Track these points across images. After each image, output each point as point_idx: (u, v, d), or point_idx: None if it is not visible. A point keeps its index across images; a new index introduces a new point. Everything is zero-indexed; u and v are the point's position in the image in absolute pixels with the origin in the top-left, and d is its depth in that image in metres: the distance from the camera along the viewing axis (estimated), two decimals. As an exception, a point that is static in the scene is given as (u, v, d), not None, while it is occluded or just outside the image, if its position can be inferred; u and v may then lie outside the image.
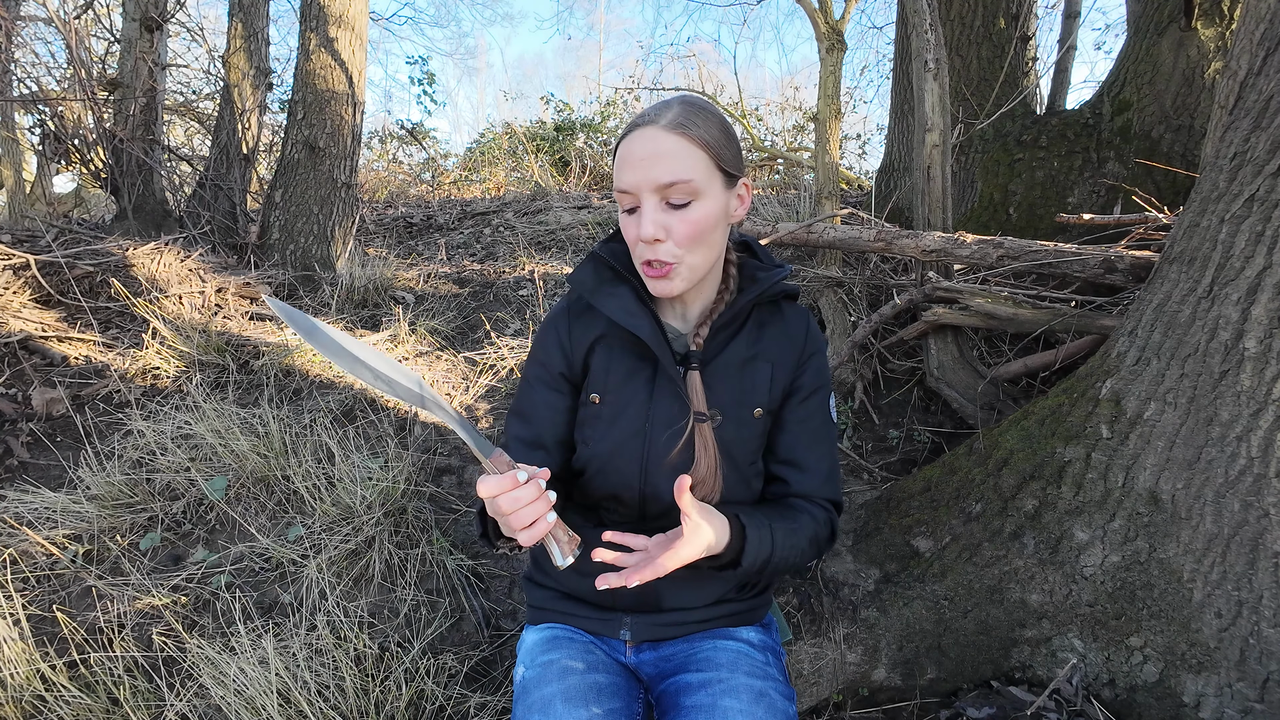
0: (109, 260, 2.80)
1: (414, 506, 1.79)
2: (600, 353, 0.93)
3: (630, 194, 0.81)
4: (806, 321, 0.95)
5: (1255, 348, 1.14)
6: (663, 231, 0.80)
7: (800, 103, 7.93)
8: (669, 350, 0.87)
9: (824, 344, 0.97)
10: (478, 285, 3.50)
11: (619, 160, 0.82)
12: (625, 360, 0.91)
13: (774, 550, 0.83)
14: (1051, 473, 1.38)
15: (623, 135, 0.83)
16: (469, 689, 1.39)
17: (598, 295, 0.90)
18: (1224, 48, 2.63)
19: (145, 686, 1.33)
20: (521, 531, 0.69)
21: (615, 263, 0.91)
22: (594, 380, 0.93)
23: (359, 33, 3.51)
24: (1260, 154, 1.17)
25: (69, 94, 3.36)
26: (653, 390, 0.89)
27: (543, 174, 6.62)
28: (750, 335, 0.92)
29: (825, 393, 0.95)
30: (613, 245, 0.95)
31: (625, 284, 0.90)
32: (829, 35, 2.98)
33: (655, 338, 0.87)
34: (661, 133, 0.79)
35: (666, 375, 0.88)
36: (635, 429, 0.89)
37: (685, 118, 0.80)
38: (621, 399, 0.91)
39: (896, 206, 3.40)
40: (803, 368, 0.93)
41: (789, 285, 0.95)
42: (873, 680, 1.33)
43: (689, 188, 0.79)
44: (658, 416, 0.89)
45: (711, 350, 0.90)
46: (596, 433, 0.92)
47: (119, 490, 1.81)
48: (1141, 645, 1.22)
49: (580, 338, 0.93)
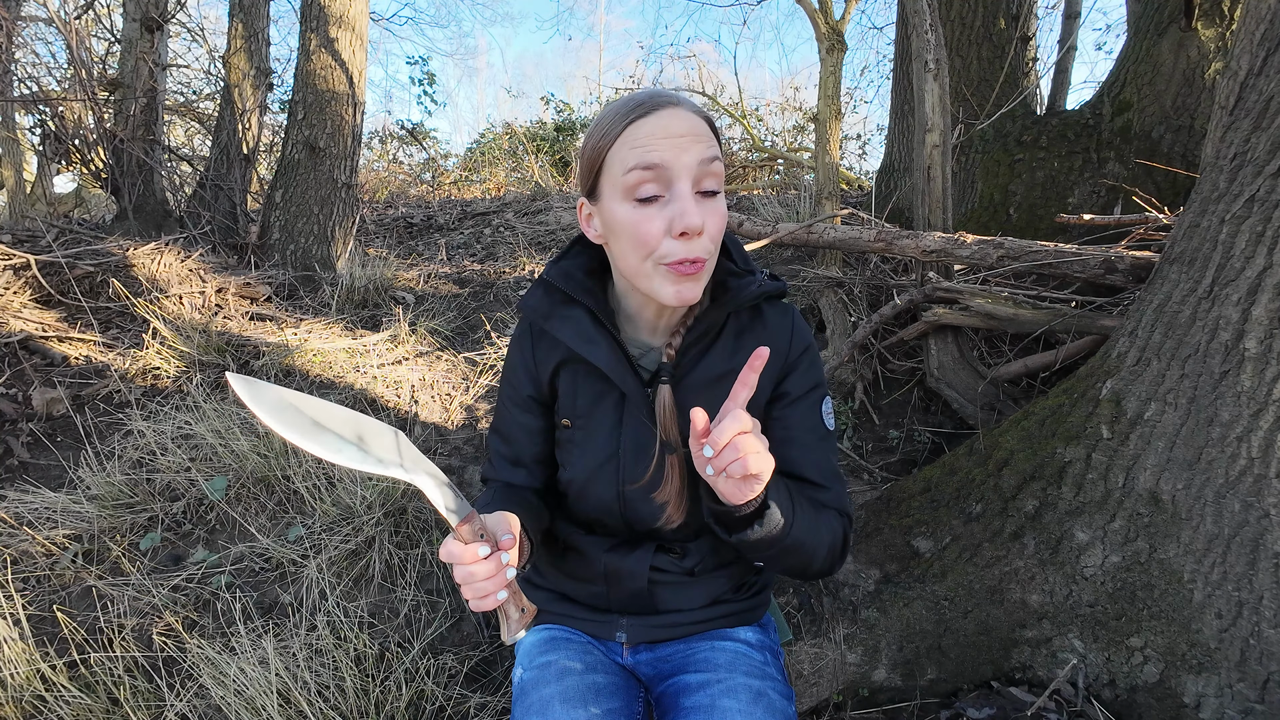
0: (109, 260, 2.80)
1: (414, 507, 1.79)
2: (565, 377, 0.88)
3: (659, 172, 0.70)
4: (790, 325, 0.87)
5: (1255, 348, 1.14)
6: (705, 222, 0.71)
7: (800, 103, 7.94)
8: (633, 376, 0.82)
9: (812, 343, 0.89)
10: (478, 285, 3.50)
11: (641, 137, 0.71)
12: (591, 384, 0.86)
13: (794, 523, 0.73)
14: (1052, 473, 1.38)
15: (637, 114, 0.72)
16: (469, 689, 1.38)
17: (551, 321, 0.84)
18: (1224, 48, 2.63)
19: (145, 686, 1.33)
20: (471, 602, 0.68)
21: (565, 285, 0.84)
22: (563, 405, 0.89)
23: (359, 33, 3.51)
24: (1260, 154, 1.17)
25: (69, 94, 3.37)
26: (621, 415, 0.85)
27: (543, 174, 6.63)
28: (726, 347, 0.85)
29: (817, 396, 0.87)
30: (562, 265, 0.87)
31: (578, 306, 0.83)
32: (829, 36, 2.98)
33: (615, 365, 0.81)
34: (693, 114, 0.73)
35: (634, 401, 0.83)
36: (607, 455, 0.86)
37: (703, 110, 0.75)
38: (591, 425, 0.87)
39: (896, 207, 3.40)
40: (787, 373, 0.86)
41: (768, 287, 0.85)
42: (873, 681, 1.33)
43: (720, 170, 0.73)
44: (627, 443, 0.85)
45: (685, 365, 0.84)
46: (571, 457, 0.89)
47: (119, 490, 1.81)
48: (1142, 646, 1.22)
49: (544, 361, 0.89)
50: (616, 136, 0.73)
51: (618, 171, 0.72)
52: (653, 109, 0.72)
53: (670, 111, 0.72)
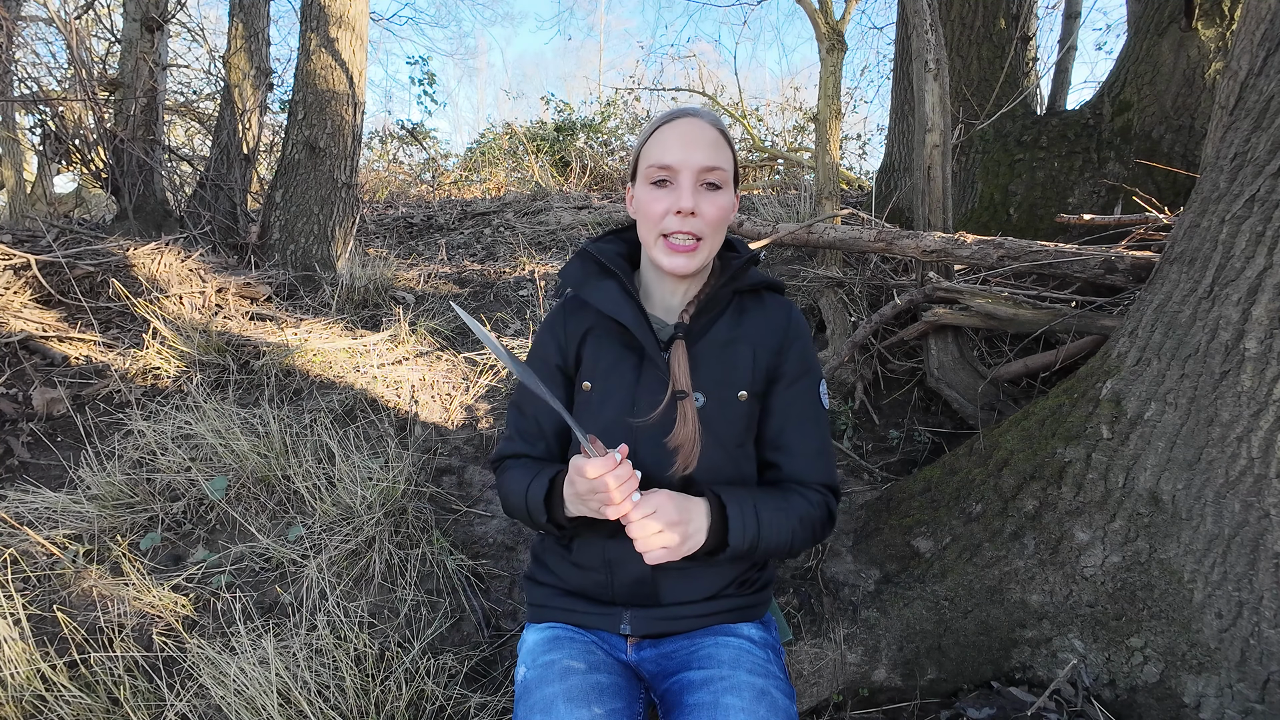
0: (109, 260, 2.80)
1: (414, 506, 1.79)
2: (591, 343, 1.00)
3: (671, 169, 0.90)
4: (788, 311, 1.01)
5: (1256, 348, 1.14)
6: (697, 207, 0.89)
7: (800, 103, 7.93)
8: (652, 336, 0.94)
9: (807, 333, 1.02)
10: (478, 285, 3.50)
11: (662, 139, 0.91)
12: (613, 349, 0.98)
13: (760, 527, 0.88)
14: (1052, 473, 1.38)
15: (664, 121, 0.93)
16: (469, 689, 1.38)
17: (585, 288, 0.98)
18: (1224, 48, 2.63)
19: (145, 686, 1.33)
20: (611, 508, 0.79)
21: (602, 257, 0.98)
22: (585, 369, 1.00)
23: (359, 33, 3.51)
24: (1261, 154, 1.17)
25: (70, 94, 3.37)
26: (639, 375, 0.95)
27: (543, 174, 6.62)
28: (731, 319, 0.98)
29: (812, 380, 1.00)
30: (602, 244, 1.03)
31: (612, 277, 0.97)
32: (829, 35, 2.98)
33: (639, 324, 0.94)
34: (709, 126, 0.92)
35: (651, 360, 0.94)
36: (623, 410, 0.94)
37: (722, 124, 0.94)
38: (610, 383, 0.97)
39: (897, 207, 3.40)
40: (785, 354, 0.98)
41: (770, 278, 1.01)
42: (873, 680, 1.33)
43: (723, 175, 0.92)
44: (643, 398, 0.94)
45: (697, 330, 0.96)
46: (588, 416, 0.97)
47: (119, 490, 1.81)
48: (1142, 646, 1.22)
49: (574, 331, 1.01)
50: (648, 137, 0.94)
51: (644, 165, 0.93)
52: (676, 116, 0.93)
53: (687, 121, 0.92)
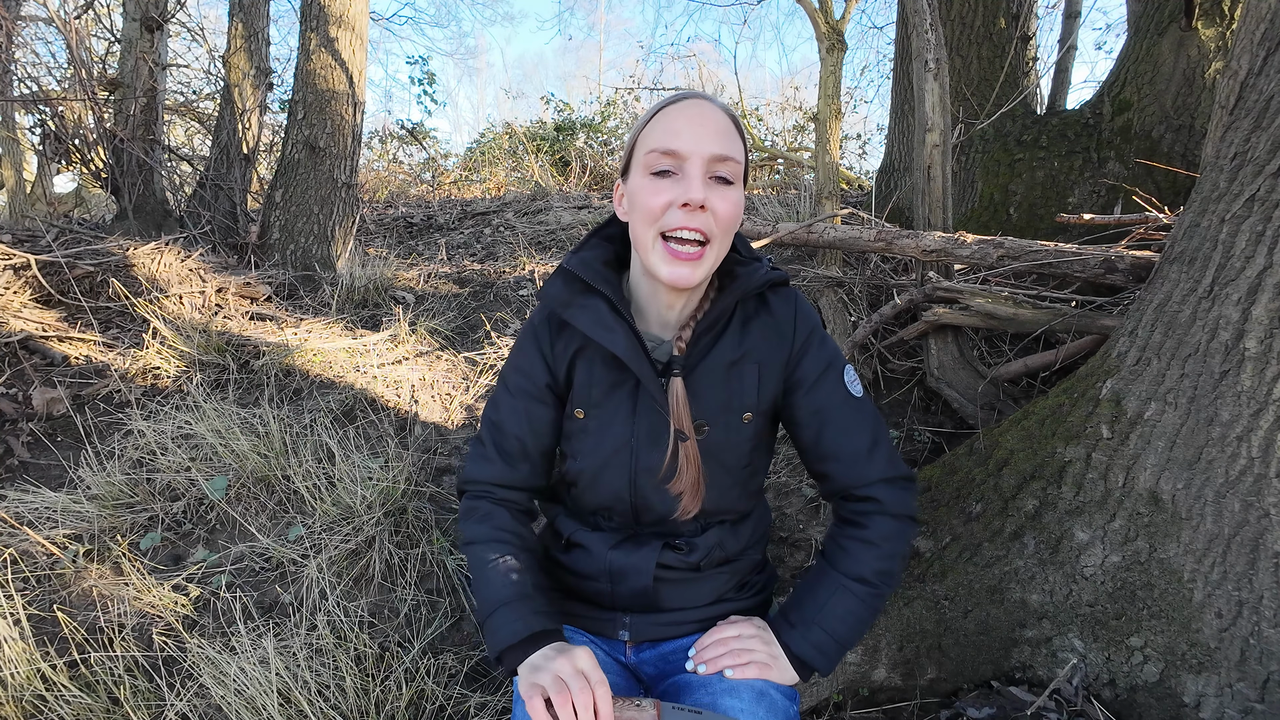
0: (109, 260, 2.80)
1: (414, 506, 1.79)
2: (582, 366, 0.90)
3: (678, 156, 0.77)
4: (794, 308, 0.90)
5: (1256, 348, 1.14)
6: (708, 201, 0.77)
7: (800, 103, 7.94)
8: (648, 364, 0.84)
9: (817, 324, 0.91)
10: (478, 285, 3.50)
11: (667, 122, 0.79)
12: (607, 374, 0.88)
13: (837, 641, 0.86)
14: (1052, 473, 1.38)
15: (670, 102, 0.81)
16: (469, 689, 1.38)
17: (570, 310, 0.86)
18: (1224, 48, 2.63)
19: (145, 686, 1.33)
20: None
21: (584, 274, 0.86)
22: (578, 394, 0.90)
23: (359, 33, 3.51)
24: (1261, 154, 1.17)
25: (69, 94, 3.36)
26: (636, 405, 0.87)
27: (543, 174, 6.62)
28: (735, 335, 0.88)
29: (835, 372, 0.89)
30: (581, 255, 0.90)
31: (597, 295, 0.86)
32: (829, 35, 2.98)
33: (632, 353, 0.83)
34: (721, 112, 0.80)
35: (648, 390, 0.85)
36: (621, 443, 0.88)
37: (734, 113, 0.83)
38: (605, 414, 0.89)
39: (896, 206, 3.40)
40: (797, 361, 0.89)
41: (774, 275, 0.89)
42: (873, 680, 1.33)
43: (735, 170, 0.80)
44: (642, 431, 0.87)
45: (696, 355, 0.86)
46: (584, 448, 0.90)
47: (119, 490, 1.81)
48: (1142, 645, 1.22)
49: (562, 351, 0.90)
50: (647, 123, 0.82)
51: (642, 152, 0.81)
52: (682, 98, 0.81)
53: (697, 103, 0.80)
